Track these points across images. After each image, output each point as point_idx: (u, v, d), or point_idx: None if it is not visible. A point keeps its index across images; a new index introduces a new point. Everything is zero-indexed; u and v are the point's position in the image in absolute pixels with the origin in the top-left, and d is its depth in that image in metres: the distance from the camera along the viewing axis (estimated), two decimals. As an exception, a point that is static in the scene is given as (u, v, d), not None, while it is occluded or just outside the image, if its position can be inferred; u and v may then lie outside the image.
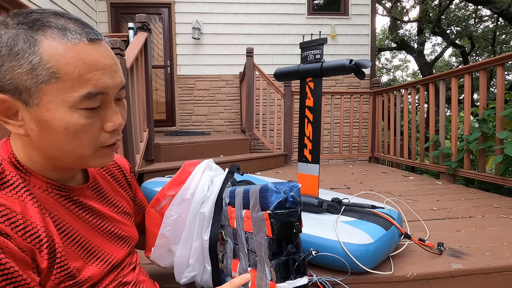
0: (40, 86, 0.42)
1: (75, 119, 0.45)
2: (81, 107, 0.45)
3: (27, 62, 0.41)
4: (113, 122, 0.49)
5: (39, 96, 0.43)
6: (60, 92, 0.43)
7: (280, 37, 4.88)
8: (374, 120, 3.96)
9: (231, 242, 0.73)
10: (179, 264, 0.74)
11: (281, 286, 0.54)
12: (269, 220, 0.56)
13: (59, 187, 0.52)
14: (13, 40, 0.41)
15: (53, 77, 0.42)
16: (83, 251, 0.53)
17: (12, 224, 0.42)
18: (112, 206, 0.63)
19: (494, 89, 10.28)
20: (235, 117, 4.94)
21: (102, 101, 0.47)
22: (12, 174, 0.46)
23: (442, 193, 2.14)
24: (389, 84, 14.22)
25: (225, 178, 0.80)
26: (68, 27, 0.44)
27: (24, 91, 0.43)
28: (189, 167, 0.81)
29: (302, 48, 1.20)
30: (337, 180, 2.71)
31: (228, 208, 0.73)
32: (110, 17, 4.65)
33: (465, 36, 9.61)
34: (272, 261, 0.56)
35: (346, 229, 0.97)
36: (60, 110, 0.44)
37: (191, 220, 0.74)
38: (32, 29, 0.42)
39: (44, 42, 0.42)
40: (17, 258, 0.41)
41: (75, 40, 0.43)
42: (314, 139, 1.20)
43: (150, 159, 2.74)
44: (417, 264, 1.01)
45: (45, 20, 0.43)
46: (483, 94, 2.31)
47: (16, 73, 0.42)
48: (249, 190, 0.65)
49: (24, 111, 0.44)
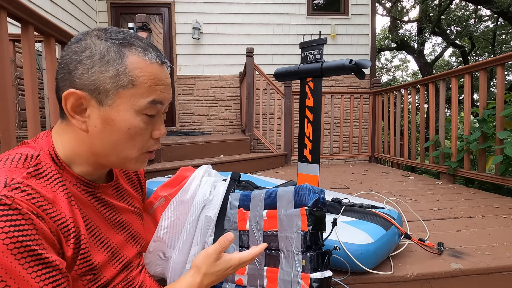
0: (119, 90, 0.51)
1: (137, 122, 0.53)
2: (143, 113, 0.53)
3: (114, 69, 0.50)
4: (160, 130, 0.58)
5: (114, 98, 0.51)
6: (132, 97, 0.52)
7: (280, 37, 4.88)
8: (374, 120, 3.96)
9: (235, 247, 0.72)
10: (174, 270, 0.71)
11: (316, 275, 0.59)
12: (305, 215, 0.62)
13: (86, 183, 0.56)
14: (107, 50, 0.51)
15: (130, 84, 0.51)
16: (103, 246, 0.56)
17: (46, 210, 0.45)
18: (129, 205, 0.67)
19: (494, 89, 10.27)
20: (235, 117, 4.94)
21: (157, 111, 0.56)
22: (48, 165, 0.51)
23: (442, 193, 2.14)
24: (389, 84, 14.22)
25: (229, 184, 0.80)
26: (148, 49, 0.54)
27: (102, 92, 0.51)
28: (185, 172, 0.80)
29: (302, 48, 1.20)
30: (337, 180, 2.71)
31: (238, 211, 0.73)
32: (110, 17, 4.65)
33: (465, 36, 9.61)
34: (306, 253, 0.60)
35: (346, 229, 0.96)
36: (128, 112, 0.52)
37: (190, 223, 0.72)
38: (121, 45, 0.52)
39: (130, 56, 0.52)
40: (48, 240, 0.44)
41: (152, 60, 0.53)
42: (314, 139, 1.20)
43: (150, 159, 2.73)
44: (417, 264, 1.01)
45: (131, 40, 0.53)
46: (483, 94, 2.31)
47: (102, 76, 0.50)
48: (276, 191, 0.69)
49: (94, 109, 0.51)
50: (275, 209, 0.68)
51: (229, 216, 0.75)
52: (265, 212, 0.69)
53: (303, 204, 0.63)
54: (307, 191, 0.64)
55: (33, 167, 0.48)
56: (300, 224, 0.62)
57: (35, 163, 0.49)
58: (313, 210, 0.62)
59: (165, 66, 0.57)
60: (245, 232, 0.71)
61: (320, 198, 0.64)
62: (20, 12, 1.22)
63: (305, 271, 0.60)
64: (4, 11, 1.15)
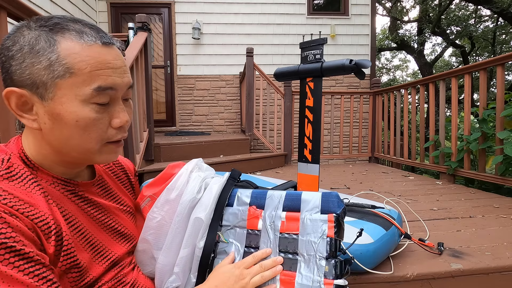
0: (56, 80, 0.47)
1: (85, 112, 0.48)
2: (92, 102, 0.49)
3: (46, 59, 0.46)
4: (120, 118, 0.53)
5: (54, 90, 0.47)
6: (74, 86, 0.47)
7: (280, 37, 4.88)
8: (374, 120, 3.96)
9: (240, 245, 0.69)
10: (161, 272, 0.67)
11: (339, 282, 0.59)
12: (333, 222, 0.63)
13: (64, 181, 0.54)
14: (35, 39, 0.46)
15: (67, 72, 0.47)
16: (87, 243, 0.54)
17: (20, 209, 0.44)
18: (117, 203, 0.65)
19: (494, 89, 10.28)
20: (235, 117, 4.94)
21: (111, 98, 0.51)
22: (20, 167, 0.49)
23: (442, 193, 2.14)
24: (389, 84, 14.22)
25: (226, 183, 0.75)
26: (84, 31, 0.49)
27: (40, 86, 0.47)
28: (172, 168, 0.75)
29: (302, 48, 1.20)
30: (337, 180, 2.71)
31: (249, 208, 0.71)
32: (110, 17, 4.65)
33: (465, 36, 9.61)
34: (330, 260, 0.61)
35: (346, 229, 0.96)
36: (72, 103, 0.48)
37: (177, 223, 0.67)
38: (52, 31, 0.47)
39: (62, 42, 0.47)
40: (27, 237, 0.43)
41: (90, 42, 0.48)
42: (314, 139, 1.19)
43: (150, 159, 2.74)
44: (417, 264, 1.01)
45: (65, 24, 0.48)
46: (483, 94, 2.31)
47: (35, 68, 0.46)
48: (299, 194, 0.69)
49: (39, 105, 0.48)
50: (296, 211, 0.67)
51: (236, 212, 0.71)
52: (284, 214, 0.68)
53: (331, 211, 0.64)
54: (336, 199, 0.65)
55: (5, 170, 0.47)
56: (326, 230, 0.63)
57: (6, 166, 0.48)
58: (340, 219, 0.64)
59: (112, 47, 0.51)
60: (254, 231, 0.68)
61: (345, 208, 0.65)
62: (20, 12, 1.22)
63: (327, 277, 0.60)
64: (4, 11, 1.15)
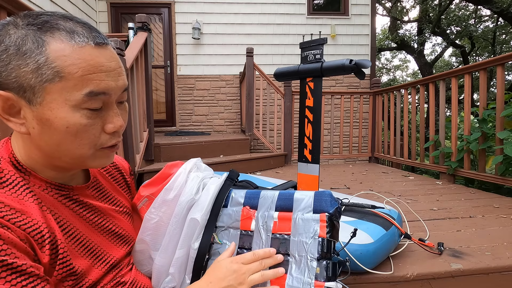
0: (44, 84, 0.43)
1: (76, 118, 0.45)
2: (83, 107, 0.46)
3: (33, 61, 0.43)
4: (114, 123, 0.50)
5: (42, 95, 0.44)
6: (63, 91, 0.44)
7: (280, 37, 4.88)
8: (374, 120, 3.96)
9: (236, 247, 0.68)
10: (158, 273, 0.67)
11: (331, 284, 0.56)
12: (325, 222, 0.61)
13: (58, 186, 0.52)
14: (22, 40, 0.43)
15: (56, 76, 0.43)
16: (84, 249, 0.52)
17: (12, 219, 0.42)
18: (113, 205, 0.63)
19: (494, 89, 10.28)
20: (235, 117, 4.94)
21: (104, 103, 0.48)
22: (11, 173, 0.47)
23: (442, 193, 2.14)
24: (389, 84, 14.22)
25: (224, 184, 0.74)
26: (76, 30, 0.45)
27: (28, 90, 0.44)
28: (170, 168, 0.74)
29: (302, 48, 1.20)
30: (337, 180, 2.71)
31: (242, 209, 0.70)
32: (110, 17, 4.65)
33: (465, 36, 9.61)
34: (322, 261, 0.58)
35: (346, 229, 0.96)
36: (62, 109, 0.45)
37: (174, 224, 0.67)
38: (41, 30, 0.44)
39: (52, 43, 0.43)
40: (19, 248, 0.41)
41: (81, 43, 0.45)
42: (314, 139, 1.19)
43: (150, 159, 2.74)
44: (417, 264, 1.01)
45: (54, 22, 0.45)
46: (483, 94, 2.31)
47: (21, 71, 0.43)
48: (292, 194, 0.67)
49: (27, 109, 0.45)
50: (289, 211, 0.66)
51: (230, 213, 0.71)
52: (277, 214, 0.66)
53: (323, 210, 0.62)
54: (328, 198, 0.63)
55: None
56: (318, 230, 0.61)
57: None
58: (333, 218, 0.61)
59: (105, 47, 0.47)
60: (248, 232, 0.68)
61: (339, 207, 0.63)
62: (20, 12, 1.22)
63: (318, 279, 0.57)
64: (4, 11, 1.15)
